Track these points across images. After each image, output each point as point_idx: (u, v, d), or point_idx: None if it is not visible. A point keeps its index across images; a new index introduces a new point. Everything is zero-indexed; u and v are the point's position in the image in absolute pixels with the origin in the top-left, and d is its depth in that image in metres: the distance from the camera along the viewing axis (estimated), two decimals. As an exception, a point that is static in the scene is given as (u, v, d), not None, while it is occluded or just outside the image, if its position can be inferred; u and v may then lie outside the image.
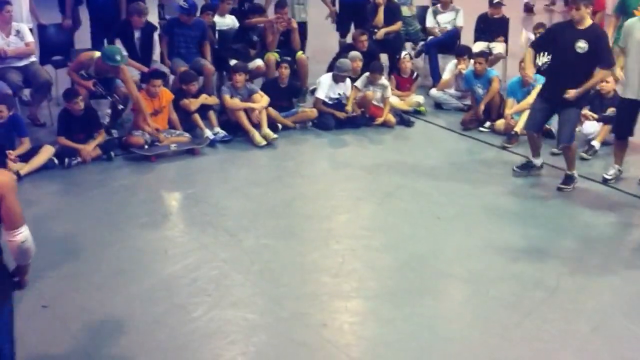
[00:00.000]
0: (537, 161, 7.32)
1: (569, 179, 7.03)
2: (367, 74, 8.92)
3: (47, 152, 7.20)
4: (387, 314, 4.96)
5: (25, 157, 7.05)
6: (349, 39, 10.30)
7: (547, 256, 5.77)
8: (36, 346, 4.36)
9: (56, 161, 7.24)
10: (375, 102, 8.89)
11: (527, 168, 7.32)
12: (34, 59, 8.47)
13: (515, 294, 5.19)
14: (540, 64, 8.74)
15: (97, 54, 7.82)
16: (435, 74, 10.11)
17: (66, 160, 7.26)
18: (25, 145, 7.18)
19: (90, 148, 7.39)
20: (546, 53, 8.27)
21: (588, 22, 6.68)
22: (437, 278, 5.44)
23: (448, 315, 4.98)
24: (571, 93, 6.67)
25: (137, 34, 8.77)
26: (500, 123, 8.53)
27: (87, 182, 7.04)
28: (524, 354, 4.54)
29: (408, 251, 5.82)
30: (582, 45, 6.59)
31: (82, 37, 9.84)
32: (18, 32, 8.26)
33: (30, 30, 8.74)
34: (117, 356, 3.63)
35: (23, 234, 3.35)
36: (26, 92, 8.78)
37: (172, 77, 8.90)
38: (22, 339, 3.75)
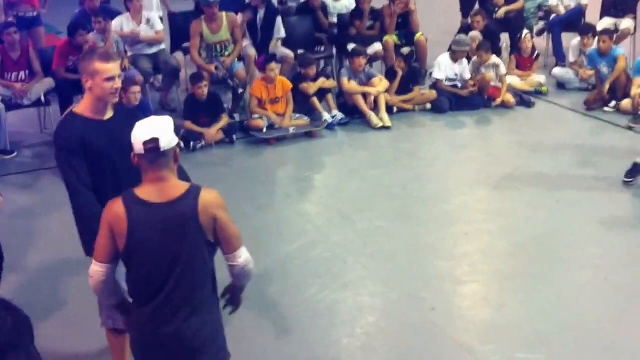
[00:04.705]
0: None
1: None
2: (474, 57, 8.81)
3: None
4: (499, 298, 4.93)
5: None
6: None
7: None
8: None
9: (182, 144, 7.56)
10: (492, 83, 8.75)
11: (637, 172, 6.53)
12: (163, 46, 8.84)
13: (635, 280, 5.03)
14: None
15: None
16: (559, 53, 9.80)
17: (191, 143, 7.58)
18: (153, 129, 7.52)
19: (213, 132, 7.69)
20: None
21: None
22: (554, 263, 5.33)
23: (563, 301, 4.87)
24: None
25: (260, 14, 8.91)
26: (626, 103, 8.19)
27: (210, 164, 7.34)
28: (642, 342, 4.41)
29: (524, 235, 5.73)
30: None
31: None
32: (148, 20, 8.64)
33: (161, 18, 9.13)
34: (230, 334, 3.75)
35: (243, 257, 3.05)
36: (158, 78, 9.21)
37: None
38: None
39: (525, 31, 9.58)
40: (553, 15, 10.25)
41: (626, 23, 9.66)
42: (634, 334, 4.47)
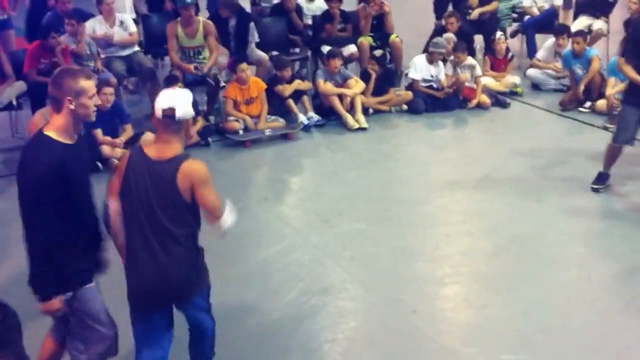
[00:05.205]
0: (609, 172, 6.48)
1: None
2: (450, 57, 8.82)
3: (148, 139, 7.44)
4: (482, 300, 4.90)
5: (128, 144, 7.30)
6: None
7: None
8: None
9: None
10: (467, 84, 8.76)
11: (605, 180, 6.46)
12: (137, 48, 8.73)
13: (619, 279, 5.06)
14: None
15: None
16: (533, 54, 9.83)
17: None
18: (127, 132, 7.43)
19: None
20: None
21: None
22: (536, 263, 5.32)
23: (547, 302, 4.85)
24: None
25: (232, 22, 8.85)
26: (601, 103, 8.26)
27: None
28: (628, 342, 4.40)
29: (505, 236, 5.72)
30: None
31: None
32: (122, 22, 8.53)
33: (135, 20, 9.01)
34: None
35: (225, 225, 3.61)
36: (132, 81, 9.08)
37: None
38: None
39: (499, 33, 9.62)
40: (527, 17, 10.31)
41: (599, 24, 9.73)
42: (619, 334, 4.48)
